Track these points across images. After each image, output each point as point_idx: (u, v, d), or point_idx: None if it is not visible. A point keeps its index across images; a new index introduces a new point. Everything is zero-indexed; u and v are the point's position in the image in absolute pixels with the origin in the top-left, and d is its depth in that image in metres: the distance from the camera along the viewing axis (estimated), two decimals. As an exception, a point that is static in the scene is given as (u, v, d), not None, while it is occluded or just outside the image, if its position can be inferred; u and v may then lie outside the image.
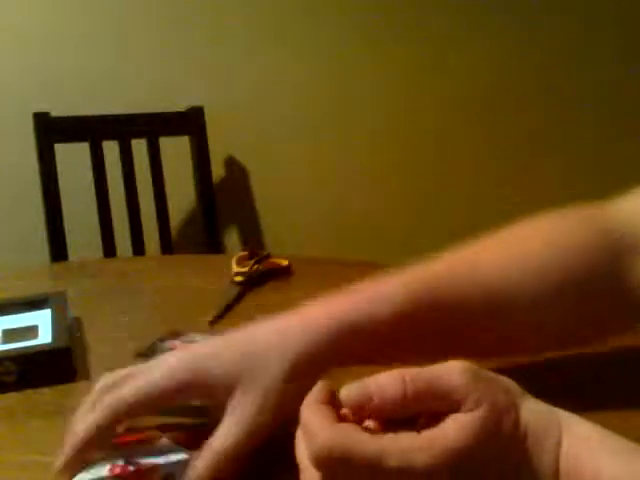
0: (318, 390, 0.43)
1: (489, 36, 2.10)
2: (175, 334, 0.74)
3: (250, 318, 0.68)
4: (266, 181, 2.01)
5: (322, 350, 0.52)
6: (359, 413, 0.41)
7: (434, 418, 0.40)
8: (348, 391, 0.41)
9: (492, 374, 0.42)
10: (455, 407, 0.40)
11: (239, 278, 0.89)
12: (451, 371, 0.40)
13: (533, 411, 0.41)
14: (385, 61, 2.05)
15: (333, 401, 0.42)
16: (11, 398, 0.63)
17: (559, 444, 0.40)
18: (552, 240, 0.61)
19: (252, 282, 0.90)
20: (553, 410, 0.42)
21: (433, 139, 2.12)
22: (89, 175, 1.66)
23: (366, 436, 0.39)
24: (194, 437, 0.54)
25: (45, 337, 0.70)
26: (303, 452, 0.41)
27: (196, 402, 0.55)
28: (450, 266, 0.59)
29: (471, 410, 0.39)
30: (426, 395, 0.40)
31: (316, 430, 0.40)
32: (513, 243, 0.61)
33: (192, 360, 0.52)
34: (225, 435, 0.50)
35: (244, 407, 0.50)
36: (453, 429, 0.39)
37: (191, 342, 0.72)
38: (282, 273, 0.95)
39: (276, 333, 0.53)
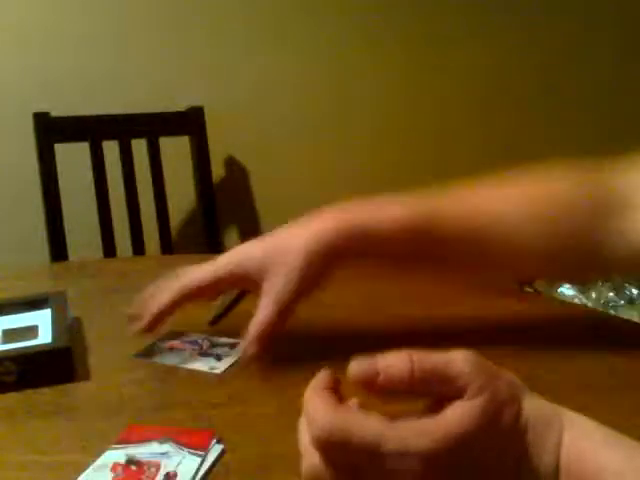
0: (321, 376, 0.44)
1: (489, 36, 2.10)
2: (175, 334, 0.74)
3: (250, 318, 0.68)
4: (266, 181, 2.01)
5: (329, 245, 0.66)
6: (365, 391, 0.41)
7: (435, 406, 0.41)
8: (356, 365, 0.41)
9: (496, 367, 0.42)
10: (458, 394, 0.40)
11: None
12: (457, 358, 0.41)
13: (535, 406, 0.41)
14: (385, 61, 2.05)
15: (336, 388, 0.43)
16: (11, 398, 0.63)
17: (560, 440, 0.40)
18: (549, 192, 0.69)
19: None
20: (555, 407, 0.42)
21: (433, 139, 2.12)
22: (89, 175, 1.66)
23: (366, 420, 0.40)
24: (195, 437, 0.54)
25: (45, 337, 0.70)
26: (305, 437, 0.42)
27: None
28: (452, 195, 0.69)
29: (472, 398, 0.40)
30: (432, 377, 0.41)
31: (317, 413, 0.41)
32: (515, 186, 0.70)
33: (235, 257, 0.69)
34: (264, 309, 0.66)
35: (274, 287, 0.66)
36: (453, 415, 0.39)
37: (191, 342, 0.72)
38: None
39: (294, 233, 0.68)
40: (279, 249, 0.67)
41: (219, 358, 0.69)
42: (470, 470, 0.40)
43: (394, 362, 0.41)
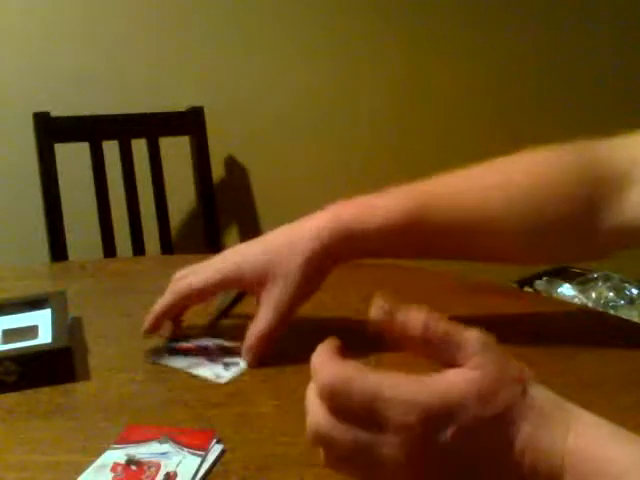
0: (328, 342, 0.45)
1: (489, 36, 2.10)
2: (187, 335, 0.73)
3: (250, 318, 0.68)
4: (266, 181, 2.01)
5: (324, 249, 0.67)
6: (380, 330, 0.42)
7: None
8: (378, 302, 0.43)
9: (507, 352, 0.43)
10: (464, 364, 0.41)
11: None
12: (471, 332, 0.42)
13: (542, 395, 0.41)
14: (385, 61, 2.05)
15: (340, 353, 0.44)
16: (11, 398, 0.63)
17: (566, 433, 0.40)
18: (534, 173, 0.69)
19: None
20: (563, 401, 0.42)
21: (434, 138, 2.12)
22: (89, 175, 1.66)
23: (368, 372, 0.41)
24: (195, 437, 0.54)
25: (45, 337, 0.70)
26: (311, 394, 0.43)
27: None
28: (440, 186, 0.71)
29: (477, 368, 0.40)
30: (442, 338, 0.42)
31: (323, 366, 0.42)
32: (499, 171, 0.71)
33: (232, 260, 0.70)
34: (262, 318, 0.67)
35: (272, 295, 0.67)
36: (455, 377, 0.40)
37: (202, 345, 0.72)
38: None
39: (289, 238, 0.68)
40: (276, 256, 0.67)
41: (227, 366, 0.68)
42: (471, 445, 0.39)
43: (413, 312, 0.42)
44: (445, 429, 0.39)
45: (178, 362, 0.69)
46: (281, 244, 0.68)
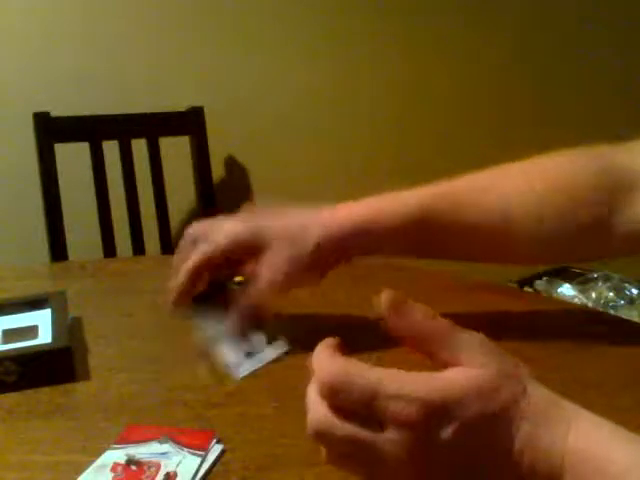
0: (328, 339, 0.45)
1: (489, 35, 2.10)
2: (219, 287, 0.74)
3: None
4: (266, 181, 2.01)
5: (337, 240, 0.69)
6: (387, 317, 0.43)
7: None
8: (387, 292, 0.44)
9: (506, 352, 0.43)
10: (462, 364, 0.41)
11: (239, 278, 0.88)
12: (471, 332, 0.42)
13: (541, 394, 0.41)
14: (385, 61, 2.05)
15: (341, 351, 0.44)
16: (11, 398, 0.63)
17: (567, 432, 0.40)
18: (549, 178, 0.70)
19: (252, 282, 0.89)
20: (560, 399, 0.42)
21: (434, 138, 2.12)
22: (89, 175, 1.66)
23: (368, 367, 0.41)
24: (195, 437, 0.54)
25: (45, 337, 0.70)
26: (312, 392, 0.43)
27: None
28: (450, 189, 0.71)
29: (477, 367, 0.41)
30: (444, 336, 0.42)
31: (323, 362, 0.42)
32: (514, 175, 0.71)
33: (248, 225, 0.72)
34: (262, 282, 0.68)
35: (278, 262, 0.68)
36: (455, 375, 0.40)
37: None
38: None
39: (306, 222, 0.70)
40: (291, 230, 0.70)
41: (249, 355, 0.67)
42: (472, 442, 0.39)
43: (420, 306, 0.43)
44: (447, 425, 0.39)
45: (207, 323, 0.68)
46: (297, 225, 0.70)
